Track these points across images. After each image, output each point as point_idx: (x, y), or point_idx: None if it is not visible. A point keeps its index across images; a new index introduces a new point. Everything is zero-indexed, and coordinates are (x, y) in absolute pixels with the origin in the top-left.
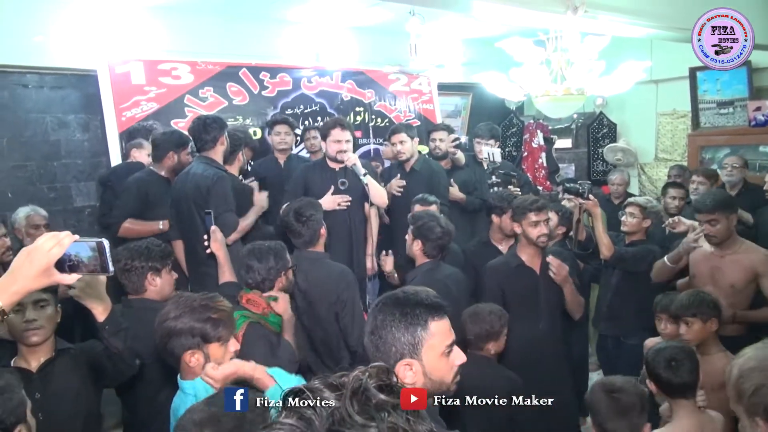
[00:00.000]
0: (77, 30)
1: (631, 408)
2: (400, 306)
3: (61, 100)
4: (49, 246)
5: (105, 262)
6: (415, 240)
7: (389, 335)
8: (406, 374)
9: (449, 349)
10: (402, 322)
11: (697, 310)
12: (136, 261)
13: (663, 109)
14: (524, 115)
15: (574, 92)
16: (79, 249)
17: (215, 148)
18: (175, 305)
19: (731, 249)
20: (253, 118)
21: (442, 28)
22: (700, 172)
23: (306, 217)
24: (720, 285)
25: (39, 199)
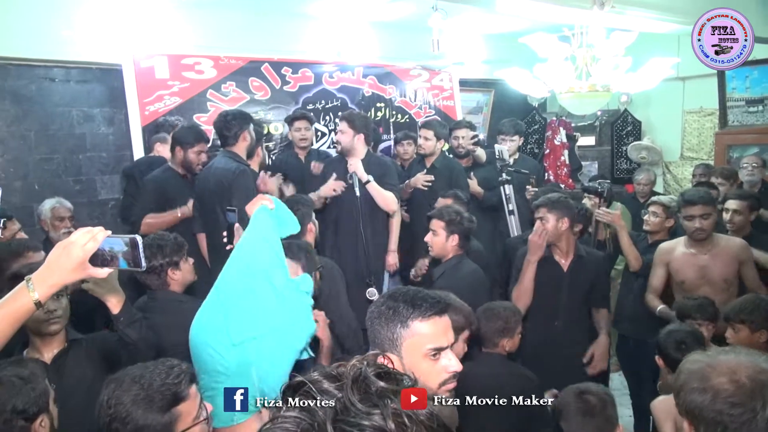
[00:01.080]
0: (103, 24)
1: (599, 408)
2: (389, 299)
3: (86, 94)
4: (84, 240)
5: (138, 257)
6: (451, 236)
7: (375, 327)
8: None
9: (435, 352)
10: (383, 316)
11: (747, 316)
12: (154, 261)
13: (690, 107)
14: (547, 111)
15: (599, 89)
16: (114, 244)
17: (238, 143)
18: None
19: (711, 244)
20: (275, 112)
21: (464, 23)
22: (718, 173)
23: (293, 209)
24: (713, 282)
25: (64, 191)
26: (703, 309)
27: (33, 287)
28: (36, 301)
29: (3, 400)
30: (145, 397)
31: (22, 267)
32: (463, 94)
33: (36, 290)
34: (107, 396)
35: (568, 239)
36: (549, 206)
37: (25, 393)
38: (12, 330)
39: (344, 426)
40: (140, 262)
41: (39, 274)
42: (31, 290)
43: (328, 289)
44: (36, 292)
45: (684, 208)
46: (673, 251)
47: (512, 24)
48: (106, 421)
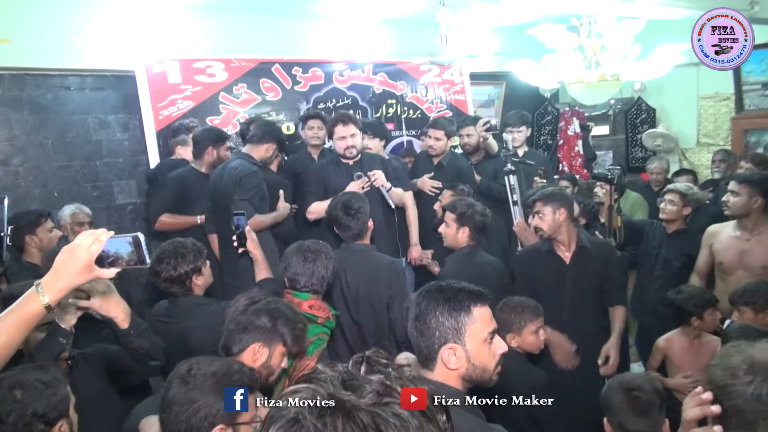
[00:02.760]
0: (115, 32)
1: (651, 406)
2: (443, 292)
3: (101, 101)
4: (88, 243)
5: (142, 255)
6: (461, 228)
7: (433, 320)
8: (450, 359)
9: (491, 336)
10: (446, 306)
11: (750, 298)
12: (179, 269)
13: (705, 92)
14: (559, 102)
15: (608, 78)
16: (118, 245)
17: (258, 147)
18: (264, 303)
19: (756, 230)
20: (286, 113)
21: (472, 17)
22: (749, 158)
23: (355, 209)
24: (750, 268)
25: (83, 197)
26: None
27: (43, 291)
28: (46, 305)
29: (25, 404)
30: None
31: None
32: (474, 87)
33: (46, 294)
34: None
35: (568, 231)
36: (544, 199)
37: (45, 397)
38: (23, 335)
39: (352, 382)
40: (144, 259)
41: (48, 278)
42: (41, 294)
43: (396, 289)
44: (46, 296)
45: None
46: (720, 233)
47: (520, 15)
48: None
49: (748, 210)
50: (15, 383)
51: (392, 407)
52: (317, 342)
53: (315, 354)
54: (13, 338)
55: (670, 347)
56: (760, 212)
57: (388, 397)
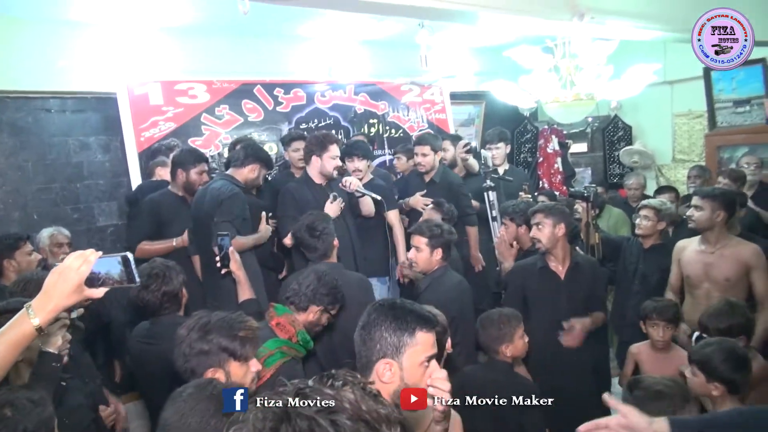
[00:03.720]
0: (96, 54)
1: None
2: (394, 310)
3: (82, 123)
4: (77, 264)
5: (132, 274)
6: (435, 249)
7: (377, 333)
8: (385, 373)
9: (428, 360)
10: (392, 324)
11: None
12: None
13: (678, 110)
14: (538, 120)
15: (583, 97)
16: (107, 265)
17: (242, 170)
18: (200, 324)
19: (720, 244)
20: (268, 133)
21: (451, 38)
22: (726, 174)
23: (319, 231)
24: (714, 280)
25: (63, 219)
26: (663, 310)
27: (33, 313)
28: (37, 327)
29: (15, 421)
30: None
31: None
32: (455, 107)
33: (36, 316)
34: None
35: (564, 246)
36: (546, 212)
37: (35, 415)
38: (13, 357)
39: (306, 392)
40: (134, 278)
41: (38, 300)
42: (31, 316)
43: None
44: (37, 318)
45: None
46: (686, 248)
47: (497, 37)
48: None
49: (711, 224)
50: (5, 402)
51: (336, 416)
52: (278, 355)
53: (273, 366)
54: (4, 360)
55: (640, 354)
56: (723, 226)
57: (337, 409)
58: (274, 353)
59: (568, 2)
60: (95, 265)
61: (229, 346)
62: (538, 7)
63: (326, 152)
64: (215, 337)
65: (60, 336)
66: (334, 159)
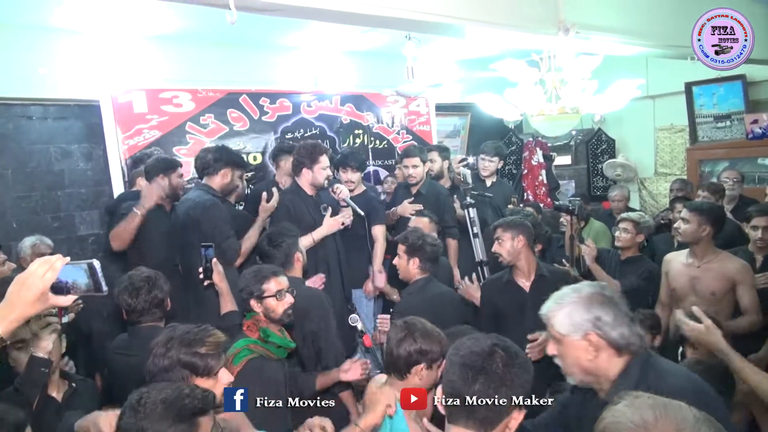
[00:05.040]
0: (79, 61)
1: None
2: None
3: (64, 131)
4: (42, 271)
5: (98, 282)
6: (411, 259)
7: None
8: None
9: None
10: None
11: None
12: (157, 292)
13: (661, 124)
14: (523, 133)
15: (568, 111)
16: (73, 273)
17: (215, 177)
18: (164, 339)
19: (706, 258)
20: (253, 143)
21: (437, 50)
22: (705, 188)
23: (277, 242)
24: (701, 294)
25: (43, 228)
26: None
27: None
28: None
29: None
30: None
31: None
32: (440, 118)
33: None
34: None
35: (527, 259)
36: (504, 226)
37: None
38: None
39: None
40: (101, 287)
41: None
42: None
43: (318, 321)
44: None
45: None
46: (673, 261)
47: (483, 50)
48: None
49: (697, 237)
50: None
51: None
52: (245, 352)
53: (240, 363)
54: None
55: None
56: (709, 240)
57: None
58: (241, 351)
59: (553, 17)
60: (61, 273)
61: (190, 362)
62: (524, 21)
63: (317, 164)
64: (175, 353)
65: (50, 341)
66: (325, 170)
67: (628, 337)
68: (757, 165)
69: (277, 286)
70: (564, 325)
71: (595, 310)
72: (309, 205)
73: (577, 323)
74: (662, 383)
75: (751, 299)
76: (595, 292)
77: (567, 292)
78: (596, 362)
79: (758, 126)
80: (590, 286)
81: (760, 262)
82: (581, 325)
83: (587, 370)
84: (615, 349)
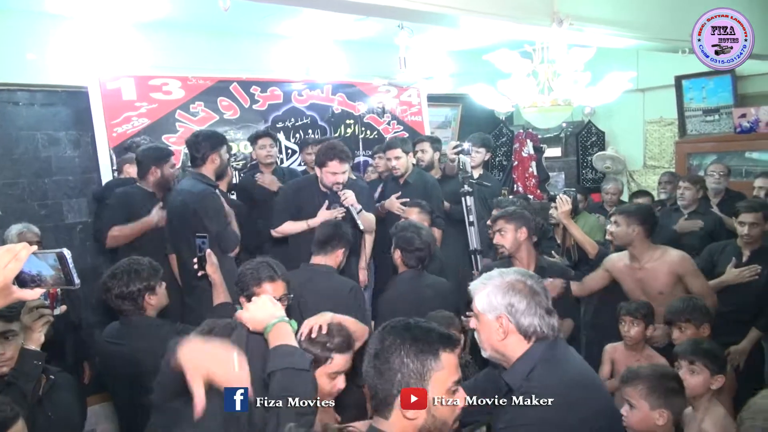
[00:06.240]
0: (68, 47)
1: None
2: (411, 330)
3: (51, 117)
4: (4, 262)
5: (69, 275)
6: (396, 249)
7: (396, 360)
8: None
9: (456, 387)
10: (411, 347)
11: (690, 315)
12: (131, 286)
13: (650, 117)
14: (514, 124)
15: (561, 103)
16: (41, 264)
17: (206, 164)
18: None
19: (645, 258)
20: (244, 132)
21: (430, 40)
22: (686, 179)
23: (343, 231)
24: (650, 295)
25: (30, 216)
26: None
27: None
28: None
29: None
30: None
31: None
32: (431, 109)
33: None
34: None
35: (528, 251)
36: (507, 217)
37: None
38: None
39: None
40: (72, 279)
41: None
42: None
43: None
44: None
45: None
46: (618, 263)
47: (476, 40)
48: None
49: (629, 239)
50: None
51: None
52: None
53: None
54: None
55: (615, 354)
56: (643, 240)
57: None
58: None
59: (547, 8)
60: (27, 264)
61: None
62: (518, 12)
63: (325, 167)
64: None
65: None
66: (334, 175)
67: (536, 326)
68: (745, 159)
69: (269, 292)
70: (482, 303)
71: (510, 296)
72: (317, 196)
73: (492, 304)
74: (553, 371)
75: (700, 286)
76: (518, 279)
77: (494, 274)
78: (504, 343)
79: (746, 120)
80: (516, 273)
81: (747, 257)
82: (496, 307)
83: (495, 348)
84: (522, 335)
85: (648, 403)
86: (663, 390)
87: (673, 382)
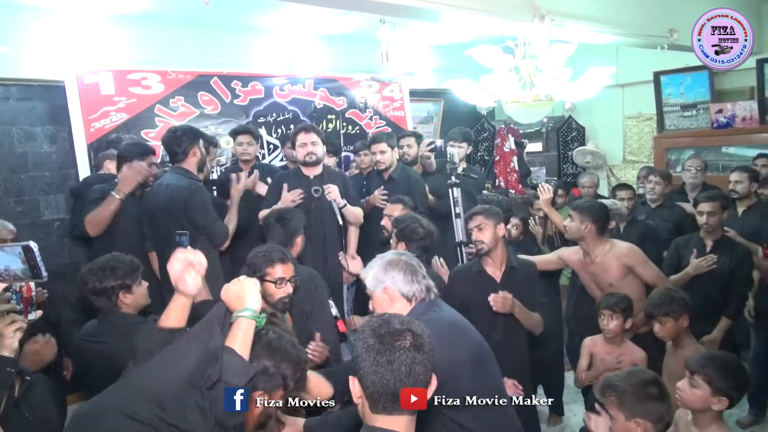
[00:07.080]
0: (44, 41)
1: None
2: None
3: (27, 112)
4: None
5: (36, 267)
6: (399, 243)
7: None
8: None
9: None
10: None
11: (669, 308)
12: (105, 282)
13: (629, 113)
14: (495, 119)
15: (542, 98)
16: (9, 258)
17: (187, 159)
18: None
19: (595, 253)
20: (225, 127)
21: (412, 35)
22: (657, 173)
23: (286, 219)
24: (602, 287)
25: (6, 212)
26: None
27: None
28: None
29: None
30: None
31: None
32: (414, 104)
33: None
34: None
35: (502, 248)
36: (486, 214)
37: None
38: None
39: None
40: (40, 272)
41: None
42: None
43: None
44: None
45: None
46: (573, 256)
47: (459, 35)
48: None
49: (581, 234)
50: None
51: None
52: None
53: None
54: None
55: (594, 347)
56: (594, 236)
57: None
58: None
59: (529, 4)
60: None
61: (291, 377)
62: (500, 7)
63: (296, 143)
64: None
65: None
66: (303, 146)
67: (415, 291)
68: (721, 153)
69: (280, 273)
70: (371, 282)
71: (390, 270)
72: (299, 185)
73: (378, 280)
74: (431, 322)
75: (652, 274)
76: (394, 258)
77: (377, 259)
78: (393, 308)
79: (723, 115)
80: (393, 254)
81: (709, 247)
82: (382, 281)
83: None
84: (406, 300)
85: (623, 414)
86: (637, 399)
87: (651, 387)
